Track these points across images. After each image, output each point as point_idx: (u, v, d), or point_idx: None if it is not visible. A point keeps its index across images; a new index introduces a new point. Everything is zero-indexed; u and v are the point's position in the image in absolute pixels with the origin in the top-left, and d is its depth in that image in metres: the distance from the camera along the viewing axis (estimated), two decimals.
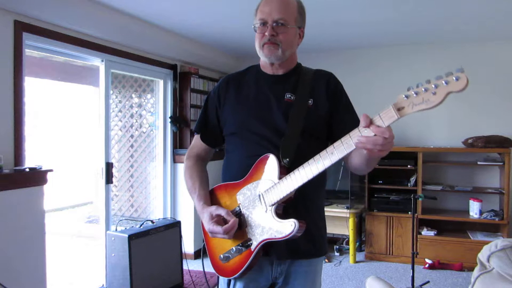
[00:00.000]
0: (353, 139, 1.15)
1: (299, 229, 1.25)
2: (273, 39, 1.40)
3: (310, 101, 1.44)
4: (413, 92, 1.06)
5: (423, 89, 1.05)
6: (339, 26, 3.97)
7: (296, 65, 1.54)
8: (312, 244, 1.46)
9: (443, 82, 1.02)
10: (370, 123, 1.12)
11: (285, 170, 1.32)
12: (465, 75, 1.00)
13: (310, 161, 1.25)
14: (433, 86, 1.04)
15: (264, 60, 1.48)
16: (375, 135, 1.11)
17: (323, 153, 1.22)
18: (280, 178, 1.30)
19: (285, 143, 1.38)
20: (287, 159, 1.35)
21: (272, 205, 1.31)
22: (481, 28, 4.04)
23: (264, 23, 1.42)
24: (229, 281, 1.47)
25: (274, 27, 1.40)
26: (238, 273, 1.37)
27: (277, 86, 1.48)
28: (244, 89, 1.51)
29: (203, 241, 1.53)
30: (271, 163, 1.34)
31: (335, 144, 1.20)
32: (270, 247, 1.36)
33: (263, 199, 1.33)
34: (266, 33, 1.40)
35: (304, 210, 1.41)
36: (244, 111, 1.48)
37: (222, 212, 1.37)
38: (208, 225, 1.37)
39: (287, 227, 1.26)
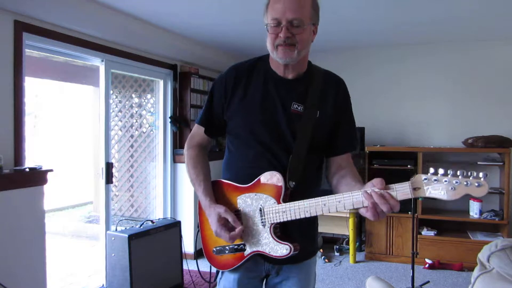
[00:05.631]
0: (365, 201, 1.17)
1: (293, 253, 1.31)
2: (288, 41, 1.31)
3: (317, 113, 1.41)
4: (433, 179, 1.09)
5: (444, 180, 1.08)
6: (340, 25, 3.97)
7: (307, 67, 1.46)
8: (306, 248, 1.45)
9: (465, 182, 1.07)
10: (384, 189, 1.15)
11: (289, 193, 1.34)
12: (487, 185, 1.05)
13: (317, 200, 1.26)
14: (454, 182, 1.07)
15: (277, 60, 1.39)
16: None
17: (331, 198, 1.24)
18: (283, 200, 1.32)
19: (293, 164, 1.37)
20: (293, 183, 1.35)
21: (272, 223, 1.34)
22: (481, 28, 4.03)
23: (277, 23, 1.32)
24: (218, 270, 1.52)
25: (289, 27, 1.31)
26: (229, 269, 1.43)
27: (284, 92, 1.42)
28: (251, 89, 1.45)
29: (198, 228, 1.55)
30: (278, 183, 1.34)
31: (345, 194, 1.22)
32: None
33: (264, 214, 1.35)
34: (281, 35, 1.31)
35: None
36: (250, 116, 1.43)
37: (229, 217, 1.36)
38: (215, 227, 1.38)
39: (282, 250, 1.32)
